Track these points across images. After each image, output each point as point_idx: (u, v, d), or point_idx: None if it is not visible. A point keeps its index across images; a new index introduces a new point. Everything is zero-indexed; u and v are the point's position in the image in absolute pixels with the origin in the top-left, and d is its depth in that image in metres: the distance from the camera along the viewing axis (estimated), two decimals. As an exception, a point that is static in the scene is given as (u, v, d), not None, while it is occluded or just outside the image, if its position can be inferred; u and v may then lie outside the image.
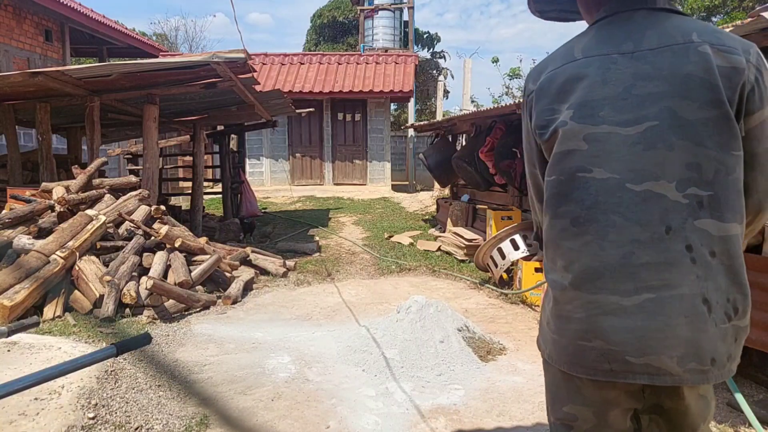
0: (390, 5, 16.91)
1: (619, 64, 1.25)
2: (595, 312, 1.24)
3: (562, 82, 1.29)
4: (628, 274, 1.22)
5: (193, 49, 27.84)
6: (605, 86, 1.25)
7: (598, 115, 1.25)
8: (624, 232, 1.22)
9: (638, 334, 1.22)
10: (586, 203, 1.25)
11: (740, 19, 4.90)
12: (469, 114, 8.27)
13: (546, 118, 1.30)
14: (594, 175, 1.24)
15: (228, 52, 5.19)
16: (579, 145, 1.26)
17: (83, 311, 4.25)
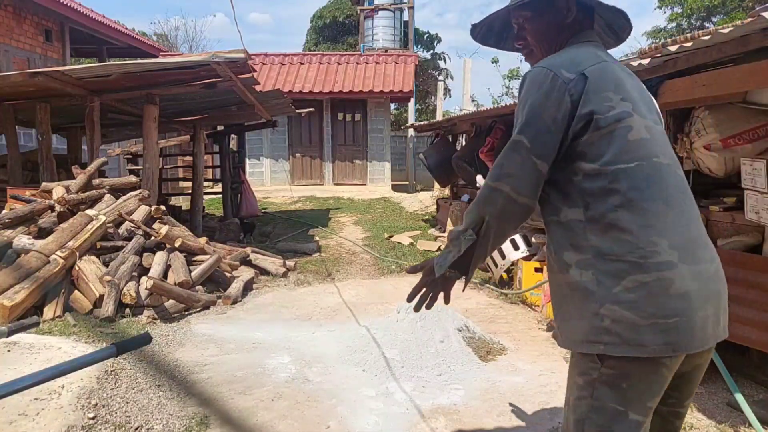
0: (390, 5, 16.91)
1: (628, 75, 1.47)
2: (704, 281, 1.36)
3: (614, 76, 1.42)
4: (704, 245, 1.42)
5: (193, 49, 27.83)
6: (634, 89, 1.45)
7: (641, 110, 1.42)
8: (689, 209, 1.43)
9: (723, 294, 1.42)
10: (669, 185, 1.40)
11: (740, 19, 4.90)
12: (469, 114, 8.28)
13: (606, 105, 1.37)
14: (661, 160, 1.41)
15: (228, 52, 5.19)
16: (645, 134, 1.40)
17: (83, 311, 4.25)
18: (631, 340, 1.32)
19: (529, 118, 1.42)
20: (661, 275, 1.32)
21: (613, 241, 1.35)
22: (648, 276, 1.32)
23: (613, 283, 1.34)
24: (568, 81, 1.38)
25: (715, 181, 3.80)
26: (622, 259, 1.34)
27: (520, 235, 5.36)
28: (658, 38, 17.93)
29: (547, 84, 1.39)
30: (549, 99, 1.39)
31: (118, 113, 6.96)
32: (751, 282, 3.14)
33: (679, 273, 1.33)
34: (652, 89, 3.42)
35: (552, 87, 1.38)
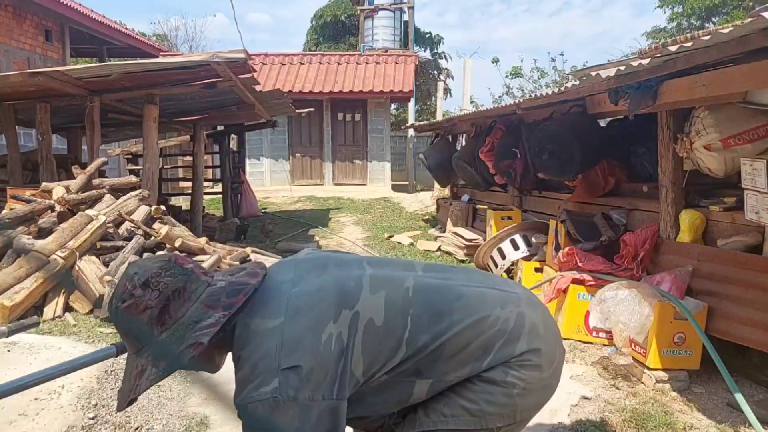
0: (390, 5, 16.91)
1: (307, 279, 1.40)
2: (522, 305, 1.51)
3: (310, 321, 1.30)
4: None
5: (193, 49, 27.82)
6: (325, 289, 1.36)
7: (349, 288, 1.36)
8: (456, 277, 1.51)
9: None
10: (442, 290, 1.45)
11: (740, 18, 4.91)
12: (469, 114, 8.28)
13: (330, 351, 1.32)
14: (413, 284, 1.44)
15: (228, 52, 5.18)
16: (381, 294, 1.37)
17: (83, 311, 4.25)
18: (539, 390, 1.44)
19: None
20: (525, 330, 1.43)
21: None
22: (523, 343, 1.41)
23: (506, 365, 1.42)
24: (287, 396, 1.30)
25: (715, 181, 3.80)
26: (495, 355, 1.42)
27: (520, 234, 5.35)
28: (658, 38, 17.92)
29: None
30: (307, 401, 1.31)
31: (118, 113, 6.96)
32: (751, 282, 3.14)
33: (527, 313, 1.45)
34: (651, 89, 3.43)
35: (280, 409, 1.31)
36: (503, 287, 1.48)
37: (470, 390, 1.34)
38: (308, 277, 1.36)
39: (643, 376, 3.28)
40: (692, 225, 3.65)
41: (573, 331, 3.96)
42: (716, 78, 2.98)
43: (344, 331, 1.26)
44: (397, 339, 1.30)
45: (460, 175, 7.96)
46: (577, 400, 3.05)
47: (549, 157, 5.04)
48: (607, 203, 4.77)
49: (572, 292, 3.96)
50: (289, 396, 1.21)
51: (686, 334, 3.22)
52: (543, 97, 4.97)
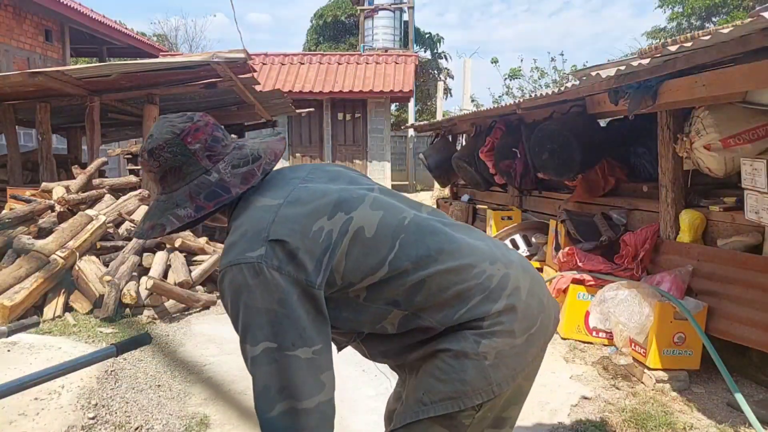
0: (390, 5, 16.91)
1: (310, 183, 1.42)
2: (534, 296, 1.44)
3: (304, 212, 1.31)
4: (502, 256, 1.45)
5: (193, 49, 27.82)
6: (327, 192, 1.37)
7: (352, 198, 1.38)
8: (450, 224, 1.47)
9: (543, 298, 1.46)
10: (431, 228, 1.42)
11: (740, 18, 4.91)
12: (469, 114, 8.27)
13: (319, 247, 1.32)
14: (412, 214, 1.43)
15: (228, 52, 5.19)
16: (375, 212, 1.37)
17: (83, 311, 4.25)
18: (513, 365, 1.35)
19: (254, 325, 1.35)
20: (508, 292, 1.37)
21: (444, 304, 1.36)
22: (502, 301, 1.37)
23: (476, 328, 1.36)
24: (271, 264, 1.30)
25: (715, 181, 3.80)
26: (470, 306, 1.36)
27: (520, 234, 5.36)
28: (658, 38, 17.92)
29: (251, 280, 1.32)
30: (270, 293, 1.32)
31: (118, 113, 6.96)
32: (751, 282, 3.14)
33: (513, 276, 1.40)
34: (651, 89, 3.43)
35: (257, 279, 1.30)
36: (499, 248, 1.45)
37: (443, 371, 1.30)
38: (318, 181, 1.41)
39: (643, 376, 3.28)
40: (692, 225, 3.65)
41: (573, 331, 3.96)
42: (716, 78, 2.98)
43: (335, 230, 1.28)
44: (381, 257, 1.29)
45: (460, 175, 7.96)
46: (577, 400, 3.05)
47: (549, 157, 5.04)
48: (607, 203, 4.77)
49: (572, 292, 3.96)
50: (273, 265, 1.21)
51: (686, 334, 3.22)
52: (543, 97, 4.97)
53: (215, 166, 1.38)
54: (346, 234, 1.28)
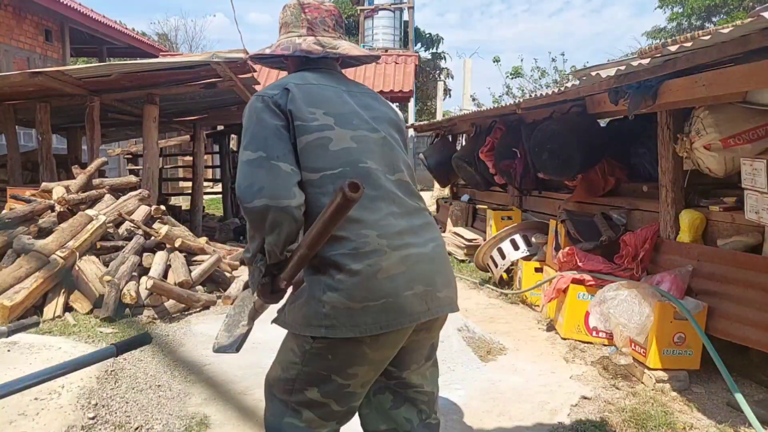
0: (390, 5, 16.90)
1: (343, 95, 1.72)
2: (412, 264, 1.57)
3: (320, 95, 1.66)
4: (417, 232, 1.64)
5: (193, 49, 27.81)
6: (345, 105, 1.68)
7: (349, 123, 1.65)
8: (401, 203, 1.64)
9: (436, 273, 1.63)
10: (377, 185, 1.62)
11: (740, 18, 4.90)
12: (469, 114, 8.27)
13: (309, 116, 1.61)
14: (369, 165, 1.63)
15: (228, 52, 5.19)
16: (351, 144, 1.62)
17: (83, 311, 4.25)
18: (347, 323, 1.51)
19: (254, 135, 1.60)
20: (370, 262, 1.52)
21: (329, 239, 1.48)
22: (360, 265, 1.52)
23: (333, 274, 1.53)
24: (272, 95, 1.62)
25: (715, 181, 3.80)
26: (338, 252, 1.53)
27: (520, 234, 5.35)
28: (658, 38, 17.92)
29: (258, 104, 1.62)
30: (264, 112, 1.61)
31: (118, 113, 6.97)
32: (751, 282, 3.14)
33: (386, 259, 1.54)
34: (651, 89, 3.42)
35: (262, 104, 1.62)
36: (407, 236, 1.61)
37: (298, 301, 1.63)
38: (356, 98, 1.77)
39: (643, 376, 3.28)
40: (692, 225, 3.65)
41: (573, 331, 3.96)
42: (716, 78, 2.98)
43: (318, 123, 1.61)
44: (322, 166, 1.60)
45: (460, 175, 7.96)
46: (577, 400, 3.05)
47: (549, 156, 5.04)
48: (607, 203, 4.77)
49: (572, 292, 3.96)
50: (278, 102, 1.61)
51: (686, 334, 3.22)
52: (543, 97, 4.97)
53: (306, 36, 1.79)
54: (321, 133, 1.59)
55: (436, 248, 1.67)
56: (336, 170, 1.58)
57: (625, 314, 3.38)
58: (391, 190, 1.64)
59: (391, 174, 1.67)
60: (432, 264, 1.63)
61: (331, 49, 1.78)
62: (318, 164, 1.59)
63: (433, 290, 1.61)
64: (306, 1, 1.84)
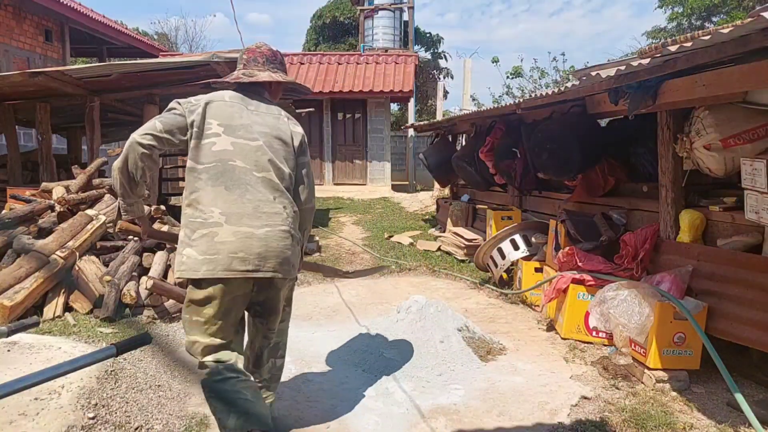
0: (390, 5, 16.90)
1: (243, 111, 2.44)
2: (241, 237, 2.27)
3: (223, 111, 2.40)
4: (257, 216, 2.31)
5: (193, 49, 27.82)
6: (239, 120, 2.40)
7: (234, 133, 2.37)
8: (252, 195, 2.32)
9: (264, 248, 2.29)
10: (236, 178, 2.32)
11: (740, 18, 4.89)
12: (469, 114, 8.27)
13: (207, 125, 2.35)
14: (236, 164, 2.33)
15: (228, 52, 5.20)
16: (228, 147, 2.34)
17: (83, 311, 4.25)
18: (193, 268, 2.25)
19: (164, 113, 2.41)
20: (212, 230, 2.26)
21: (192, 210, 2.31)
22: (205, 230, 2.26)
23: (189, 235, 2.28)
24: (190, 105, 2.38)
25: (715, 181, 3.80)
26: (195, 221, 2.28)
27: (520, 234, 5.35)
28: (658, 38, 17.92)
29: (175, 104, 2.40)
30: (177, 108, 2.40)
31: (118, 113, 6.97)
32: (751, 282, 3.14)
33: (224, 230, 2.26)
34: (651, 89, 3.42)
35: (177, 104, 2.40)
36: (245, 218, 2.29)
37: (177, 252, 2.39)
38: (240, 112, 2.49)
39: (643, 376, 3.28)
40: (692, 225, 3.65)
41: (573, 331, 3.96)
42: (716, 78, 2.99)
43: (199, 122, 2.37)
44: (197, 159, 2.37)
45: (460, 175, 7.96)
46: (577, 400, 3.05)
47: (549, 156, 5.04)
48: (607, 203, 4.77)
49: (572, 292, 3.96)
50: (186, 107, 2.40)
51: (686, 334, 3.23)
52: (543, 97, 4.97)
53: (242, 69, 2.62)
54: (209, 138, 2.35)
55: (268, 232, 2.30)
56: (211, 164, 2.31)
57: (625, 314, 3.38)
58: (250, 183, 2.32)
59: (258, 172, 2.35)
60: (260, 241, 2.28)
61: (248, 77, 2.53)
62: (202, 159, 2.32)
63: (255, 259, 2.27)
64: (250, 47, 2.68)
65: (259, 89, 2.55)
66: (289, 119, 2.54)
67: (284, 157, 2.44)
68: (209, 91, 2.54)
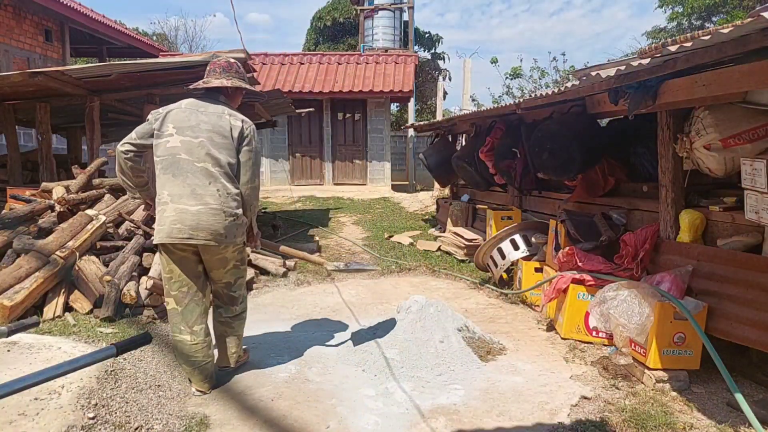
0: (390, 5, 16.90)
1: (194, 114, 3.05)
2: (179, 212, 2.95)
3: (177, 116, 3.04)
4: (194, 196, 2.95)
5: (192, 49, 27.82)
6: (189, 121, 3.02)
7: (184, 133, 2.99)
8: (191, 180, 2.96)
9: (196, 221, 2.94)
10: (180, 168, 2.97)
11: (740, 18, 4.89)
12: (469, 114, 8.27)
13: (164, 128, 3.02)
14: (183, 156, 2.97)
15: (228, 52, 5.18)
16: (177, 144, 2.99)
17: (83, 311, 4.25)
18: (156, 236, 3.01)
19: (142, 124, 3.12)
20: (163, 207, 2.99)
21: (158, 193, 3.04)
22: (160, 207, 3.01)
23: (157, 212, 3.04)
24: (156, 115, 3.06)
25: (715, 181, 3.80)
26: (158, 200, 3.04)
27: (520, 234, 5.35)
28: (658, 38, 17.92)
29: (150, 116, 3.08)
30: (149, 118, 3.08)
31: (118, 113, 6.96)
32: (751, 282, 3.14)
33: (168, 207, 2.96)
34: (651, 89, 3.42)
35: (151, 116, 3.08)
36: (186, 197, 2.97)
37: None
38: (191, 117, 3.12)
39: (643, 376, 3.28)
40: (692, 225, 3.65)
41: (573, 331, 3.96)
42: (716, 78, 2.99)
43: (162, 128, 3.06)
44: (155, 157, 3.06)
45: (460, 175, 7.96)
46: (577, 400, 3.05)
47: (549, 156, 5.04)
48: (607, 203, 4.77)
49: (572, 292, 3.96)
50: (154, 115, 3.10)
51: (686, 334, 3.23)
52: (543, 97, 4.97)
53: (204, 78, 3.20)
54: (165, 138, 3.02)
55: (201, 209, 2.94)
56: (164, 157, 2.99)
57: (625, 314, 3.38)
58: (190, 172, 2.96)
59: (198, 163, 2.97)
60: (193, 216, 2.93)
61: (203, 84, 3.16)
62: (159, 154, 3.00)
63: (189, 229, 2.94)
64: (213, 60, 3.24)
65: (215, 94, 3.16)
66: (231, 116, 3.08)
67: (224, 147, 3.01)
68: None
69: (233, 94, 3.22)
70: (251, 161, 3.10)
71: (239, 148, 3.06)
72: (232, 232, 3.03)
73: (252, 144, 3.11)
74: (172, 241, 2.94)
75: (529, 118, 5.89)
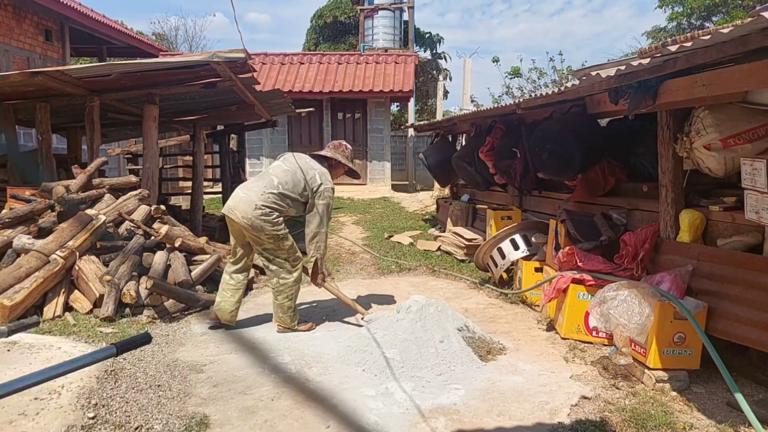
0: (390, 5, 16.89)
1: (300, 159, 4.28)
2: (234, 195, 4.10)
3: (287, 154, 4.41)
4: (248, 189, 4.09)
5: (193, 49, 27.81)
6: (291, 159, 4.31)
7: (285, 163, 4.28)
8: (259, 182, 4.14)
9: (236, 203, 4.02)
10: (261, 174, 4.27)
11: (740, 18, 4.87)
12: (469, 114, 8.27)
13: (278, 158, 4.46)
14: (269, 171, 4.24)
15: (228, 52, 5.18)
16: (275, 165, 4.30)
17: (83, 311, 4.25)
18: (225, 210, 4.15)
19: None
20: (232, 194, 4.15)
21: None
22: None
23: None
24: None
25: (715, 181, 3.80)
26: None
27: (520, 234, 5.35)
28: (658, 38, 17.91)
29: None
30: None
31: (118, 113, 6.96)
32: (751, 282, 3.14)
33: (235, 191, 4.12)
34: (651, 89, 3.42)
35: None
36: (244, 190, 4.10)
37: None
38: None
39: (643, 375, 3.28)
40: (692, 225, 3.65)
41: (573, 331, 3.96)
42: (716, 78, 2.98)
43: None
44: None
45: (460, 175, 7.96)
46: (577, 400, 3.05)
47: (549, 156, 5.04)
48: (607, 203, 4.77)
49: (572, 292, 3.96)
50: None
51: (686, 334, 3.23)
52: (543, 97, 4.97)
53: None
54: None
55: (243, 197, 3.98)
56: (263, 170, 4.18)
57: (625, 314, 3.38)
58: (262, 177, 4.13)
59: (271, 175, 4.09)
60: (238, 201, 3.98)
61: (318, 152, 4.47)
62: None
63: (234, 209, 3.97)
64: (335, 142, 4.57)
65: (322, 159, 4.37)
66: (320, 174, 4.15)
67: (297, 182, 4.09)
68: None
69: (336, 165, 4.40)
70: (321, 211, 4.09)
71: (313, 198, 4.09)
72: (259, 222, 3.92)
73: (325, 200, 4.09)
74: (223, 211, 4.12)
75: (529, 118, 5.89)
